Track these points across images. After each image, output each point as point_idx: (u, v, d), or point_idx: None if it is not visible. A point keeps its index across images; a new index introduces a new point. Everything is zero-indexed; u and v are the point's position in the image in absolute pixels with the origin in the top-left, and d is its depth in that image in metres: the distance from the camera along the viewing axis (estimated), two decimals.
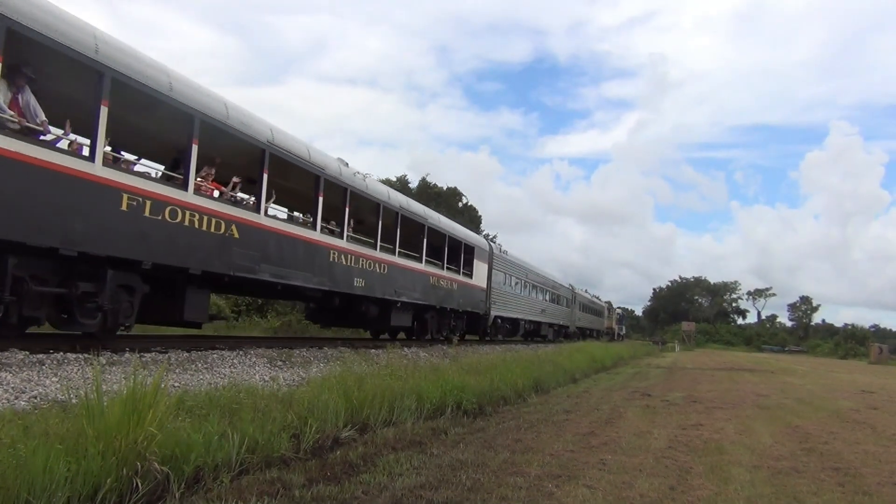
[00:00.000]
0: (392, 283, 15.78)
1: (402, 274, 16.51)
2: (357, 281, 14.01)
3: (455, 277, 20.58)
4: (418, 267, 17.63)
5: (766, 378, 19.99)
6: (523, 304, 30.14)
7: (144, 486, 3.80)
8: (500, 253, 26.63)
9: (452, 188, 56.99)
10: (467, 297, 21.79)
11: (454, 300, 20.42)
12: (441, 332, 20.36)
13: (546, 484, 4.82)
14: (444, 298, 19.42)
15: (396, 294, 16.04)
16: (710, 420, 8.86)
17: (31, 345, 7.74)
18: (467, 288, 21.86)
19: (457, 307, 20.76)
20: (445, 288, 19.57)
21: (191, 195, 9.23)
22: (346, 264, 13.59)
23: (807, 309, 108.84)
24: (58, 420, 4.24)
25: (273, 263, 11.04)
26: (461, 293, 21.10)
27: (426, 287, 18.05)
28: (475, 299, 22.73)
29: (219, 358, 9.24)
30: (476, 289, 22.84)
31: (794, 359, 50.99)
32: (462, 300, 21.21)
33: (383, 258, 15.41)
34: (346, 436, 6.13)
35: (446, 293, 19.67)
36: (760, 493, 4.88)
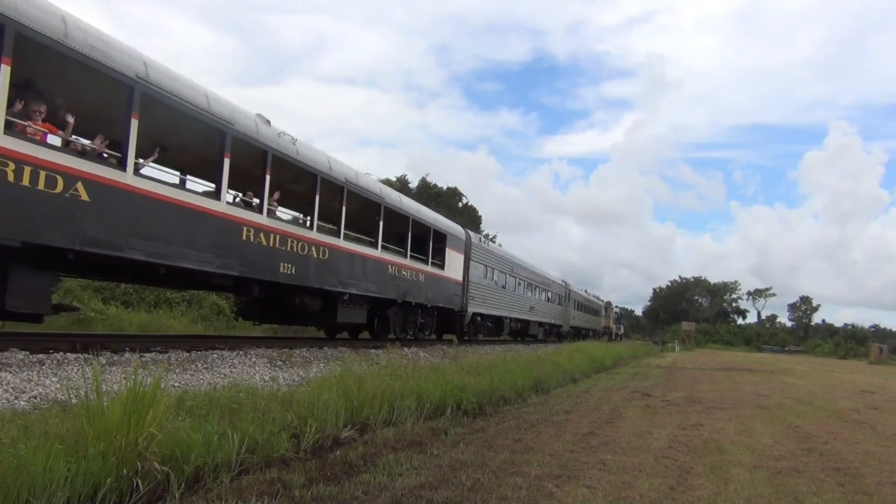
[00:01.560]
0: (335, 272, 13.32)
1: (350, 261, 13.99)
2: (284, 267, 11.57)
3: (423, 268, 18.00)
4: (372, 253, 15.07)
5: (766, 378, 20.00)
6: (508, 301, 27.66)
7: (144, 486, 3.80)
8: (479, 243, 23.98)
9: (452, 188, 57.04)
10: (438, 290, 19.25)
11: (422, 294, 17.87)
12: (407, 330, 18.00)
13: (546, 484, 4.82)
14: (408, 291, 16.96)
15: (342, 284, 13.56)
16: (710, 420, 8.86)
17: (31, 345, 7.75)
18: (438, 280, 19.26)
19: (425, 302, 18.18)
20: (410, 279, 17.04)
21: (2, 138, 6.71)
22: (267, 245, 11.08)
23: (807, 309, 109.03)
24: (58, 420, 4.24)
25: (151, 239, 8.62)
26: (431, 286, 18.56)
27: (384, 277, 15.53)
28: (448, 294, 20.14)
29: (219, 358, 9.24)
30: (449, 282, 20.26)
31: (794, 359, 50.99)
32: (432, 294, 18.66)
33: (322, 241, 12.90)
34: (346, 436, 6.13)
35: (411, 286, 17.17)
36: (760, 493, 4.88)
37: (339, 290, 13.59)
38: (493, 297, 25.13)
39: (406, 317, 17.84)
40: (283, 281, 11.65)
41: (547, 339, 36.48)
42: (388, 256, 15.93)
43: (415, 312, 18.27)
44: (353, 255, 14.26)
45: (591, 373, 18.46)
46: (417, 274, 17.64)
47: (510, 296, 28.01)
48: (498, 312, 25.88)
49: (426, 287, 18.25)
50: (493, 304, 25.06)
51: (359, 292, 14.37)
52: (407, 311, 17.76)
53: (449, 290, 20.25)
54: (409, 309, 17.79)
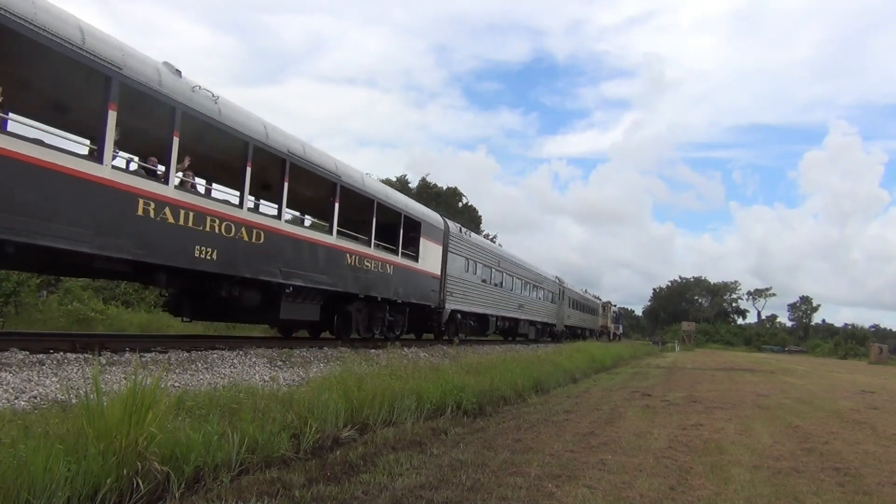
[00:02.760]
0: (275, 259, 11.36)
1: (295, 247, 12.05)
2: (203, 251, 9.60)
3: (391, 259, 16.04)
4: (326, 240, 13.12)
5: (766, 378, 19.99)
6: (494, 297, 25.53)
7: (144, 486, 3.80)
8: (459, 233, 21.78)
9: (452, 188, 57.10)
10: (411, 285, 17.30)
11: (390, 288, 15.94)
12: (373, 329, 16.07)
13: (546, 484, 4.82)
14: (372, 285, 14.99)
15: (284, 275, 11.59)
16: (710, 420, 8.86)
17: (31, 345, 7.76)
18: (411, 274, 17.30)
19: (394, 297, 16.25)
20: (375, 272, 15.08)
21: None
22: (176, 224, 9.09)
23: (807, 309, 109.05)
24: (58, 420, 4.25)
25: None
26: (401, 280, 16.63)
27: (340, 268, 13.58)
28: (423, 289, 18.18)
29: (219, 358, 9.24)
30: (424, 275, 18.23)
31: (794, 359, 51.00)
32: (403, 289, 16.72)
33: (256, 222, 10.90)
34: (346, 436, 6.13)
35: (377, 279, 15.21)
36: (760, 493, 4.88)
37: (279, 282, 11.56)
38: (476, 292, 23.24)
39: (372, 314, 15.84)
40: (201, 268, 9.63)
41: (539, 339, 34.81)
42: (347, 244, 13.94)
43: (382, 309, 16.23)
44: (300, 241, 12.28)
45: (591, 373, 18.46)
46: (384, 266, 15.67)
47: (496, 292, 26.06)
48: (482, 310, 23.86)
49: (396, 281, 16.26)
50: (476, 300, 23.16)
51: (307, 284, 12.37)
52: (373, 307, 15.79)
53: (424, 285, 18.23)
54: (375, 305, 15.82)
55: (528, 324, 31.65)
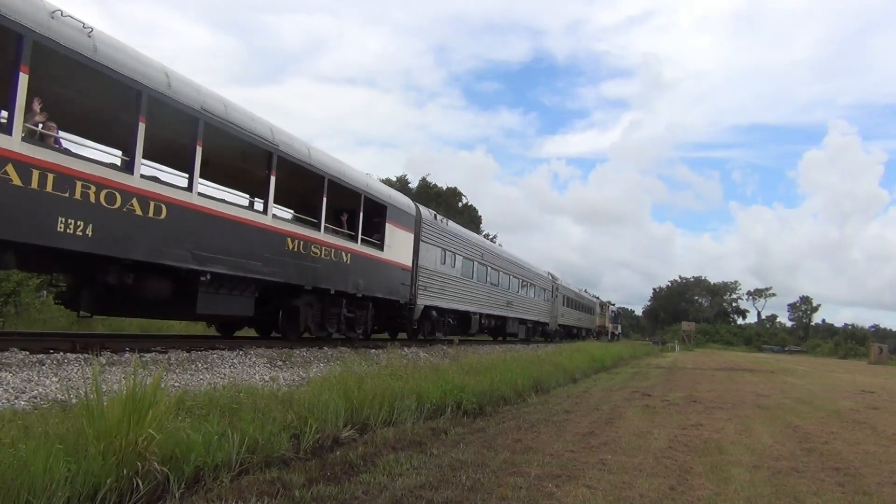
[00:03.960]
0: (183, 240, 9.31)
1: (214, 227, 9.94)
2: (67, 225, 7.58)
3: (348, 246, 14.03)
4: (258, 220, 11.09)
5: (766, 378, 20.00)
6: (476, 293, 23.46)
7: (144, 486, 3.80)
8: (434, 220, 19.60)
9: (452, 188, 57.08)
10: (374, 277, 15.22)
11: (347, 280, 13.95)
12: (327, 326, 14.05)
13: (546, 484, 4.82)
14: (324, 276, 13.04)
15: (198, 259, 9.57)
16: (710, 420, 8.86)
17: (31, 345, 7.76)
18: (374, 264, 15.23)
19: (353, 290, 14.21)
20: (326, 260, 13.09)
21: None
22: (25, 188, 7.08)
23: (807, 309, 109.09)
24: (58, 420, 4.24)
25: None
26: (362, 271, 14.59)
27: (279, 254, 11.55)
28: (390, 282, 16.12)
29: (219, 358, 9.24)
30: (391, 267, 16.15)
31: (794, 359, 51.00)
32: (364, 281, 14.63)
33: (154, 193, 8.81)
34: (346, 436, 6.13)
35: (329, 268, 13.25)
36: (760, 493, 4.88)
37: (191, 268, 9.50)
38: (455, 287, 21.12)
39: (326, 309, 13.88)
40: (67, 247, 7.65)
41: (530, 339, 33.18)
42: (288, 227, 12.02)
43: (337, 304, 14.12)
44: (221, 219, 10.12)
45: (591, 373, 18.46)
46: (339, 253, 13.62)
47: (480, 287, 23.90)
48: (462, 306, 21.77)
49: (354, 271, 14.27)
50: (455, 296, 21.09)
51: (232, 272, 10.34)
52: (328, 302, 13.84)
53: (391, 278, 16.15)
54: (330, 300, 13.85)
55: (517, 322, 29.81)
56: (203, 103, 9.75)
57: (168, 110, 9.18)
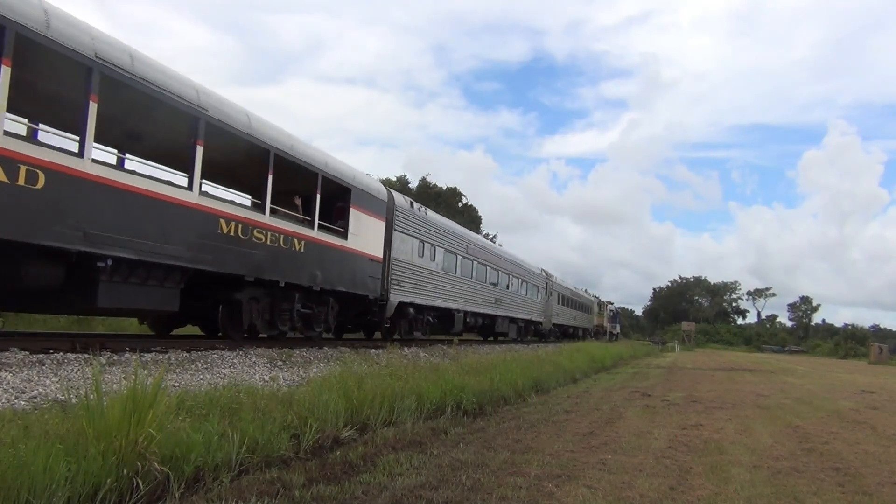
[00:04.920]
0: (71, 217, 7.78)
1: (116, 202, 8.33)
2: None
3: (303, 233, 12.46)
4: (180, 197, 9.38)
5: (766, 378, 20.00)
6: (460, 289, 21.76)
7: (144, 486, 3.80)
8: (410, 209, 17.84)
9: (452, 188, 57.16)
10: (336, 268, 13.63)
11: (301, 271, 12.37)
12: (278, 324, 12.54)
13: (546, 484, 4.82)
14: (270, 266, 11.41)
15: (93, 241, 8.04)
16: (710, 420, 8.86)
17: (31, 345, 7.76)
18: (336, 254, 13.62)
19: (309, 283, 12.65)
20: (274, 248, 11.46)
21: None
22: None
23: (807, 309, 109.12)
24: (58, 420, 4.24)
25: None
26: (320, 261, 12.97)
27: (210, 238, 9.93)
28: (356, 274, 14.47)
29: (219, 358, 9.25)
30: (358, 257, 14.48)
31: (794, 359, 51.01)
32: (323, 273, 13.06)
33: (29, 156, 7.23)
34: (346, 436, 6.14)
35: (279, 257, 11.66)
36: (760, 493, 4.88)
37: (83, 250, 7.95)
38: (436, 282, 19.49)
39: (277, 304, 12.36)
40: None
41: (523, 339, 31.84)
42: (221, 207, 10.33)
43: (290, 298, 12.59)
44: (126, 193, 8.46)
45: (591, 373, 18.47)
46: (290, 240, 11.98)
47: (464, 283, 22.25)
48: (443, 303, 20.10)
49: (310, 261, 12.65)
50: (435, 291, 19.46)
51: (144, 258, 8.73)
52: (280, 296, 12.33)
53: (357, 270, 14.55)
54: (281, 293, 12.33)
55: (507, 321, 28.31)
56: (97, 50, 8.05)
57: (47, 55, 7.60)
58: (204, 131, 9.79)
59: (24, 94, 7.83)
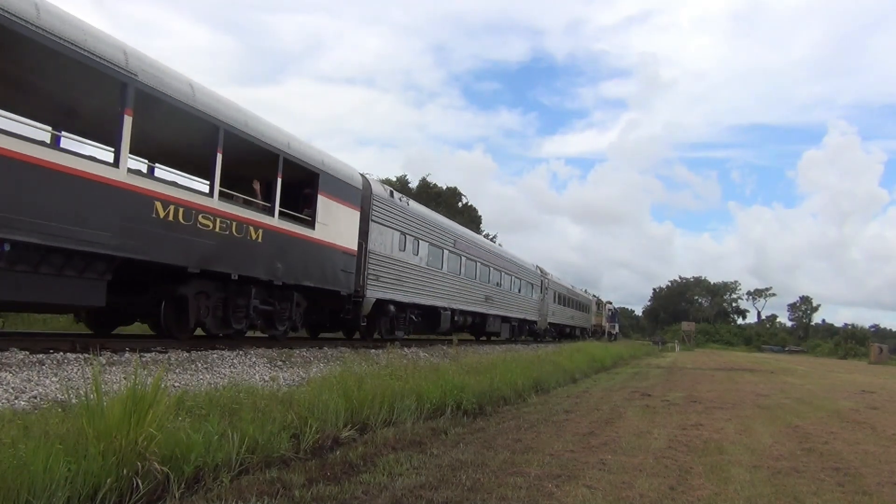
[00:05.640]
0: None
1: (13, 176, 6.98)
2: None
3: (261, 221, 11.17)
4: (104, 175, 8.07)
5: (766, 378, 20.00)
6: (447, 286, 20.52)
7: (144, 486, 3.80)
8: (389, 198, 16.50)
9: (452, 188, 57.15)
10: (301, 261, 12.41)
11: (257, 263, 11.08)
12: (233, 322, 11.22)
13: (546, 484, 4.82)
14: (222, 257, 10.19)
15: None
16: (710, 420, 8.86)
17: (31, 345, 7.76)
18: (301, 245, 12.40)
19: (269, 277, 11.45)
20: (224, 236, 10.19)
21: None
22: None
23: (807, 309, 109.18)
24: (58, 420, 4.24)
25: None
26: (281, 252, 11.74)
27: (143, 223, 8.69)
28: (326, 268, 13.28)
29: (219, 358, 9.25)
30: (327, 249, 13.26)
31: (794, 359, 51.01)
32: (285, 265, 11.83)
33: None
34: (346, 436, 6.13)
35: (231, 247, 10.40)
36: (760, 493, 4.88)
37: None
38: (419, 278, 18.28)
39: (231, 300, 11.10)
40: None
41: (516, 339, 30.83)
42: (156, 187, 9.04)
43: (245, 293, 11.30)
44: (30, 166, 7.16)
45: (591, 373, 18.47)
46: (244, 228, 10.69)
47: (451, 279, 20.99)
48: (428, 301, 18.90)
49: (269, 252, 11.39)
50: (419, 288, 18.20)
51: (56, 244, 7.52)
52: (232, 290, 11.05)
53: (327, 263, 13.34)
54: (236, 288, 11.06)
55: (499, 320, 27.05)
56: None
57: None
58: (133, 99, 8.44)
59: None
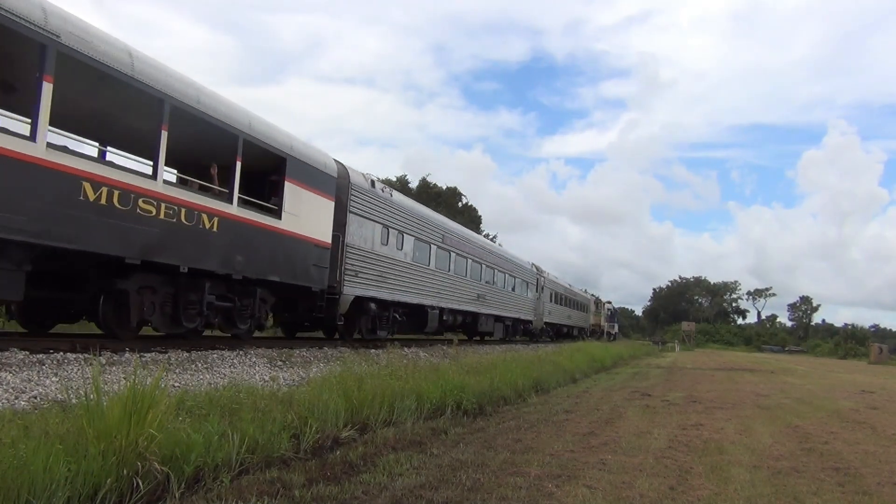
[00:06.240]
0: None
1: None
2: None
3: (216, 208, 10.03)
4: (13, 149, 7.00)
5: (766, 378, 20.00)
6: (435, 283, 19.45)
7: (145, 486, 3.81)
8: (370, 188, 15.38)
9: (452, 188, 57.16)
10: (264, 253, 11.27)
11: (211, 254, 9.97)
12: (184, 319, 10.06)
13: (546, 484, 4.82)
14: (168, 246, 9.10)
15: None
16: (710, 420, 8.86)
17: (31, 345, 7.76)
18: (265, 236, 11.24)
19: (227, 271, 10.33)
20: (172, 224, 9.11)
21: None
22: None
23: (807, 309, 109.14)
24: (58, 420, 4.25)
25: None
26: (242, 243, 10.62)
27: (69, 207, 7.66)
28: (295, 262, 12.17)
29: (219, 358, 9.25)
30: (297, 241, 12.17)
31: (794, 359, 51.01)
32: (245, 258, 10.69)
33: None
34: (346, 436, 6.14)
35: (180, 237, 9.32)
36: (760, 493, 4.88)
37: None
38: (404, 275, 17.21)
39: (182, 295, 9.97)
40: None
41: (510, 339, 29.95)
42: (84, 166, 7.92)
43: (198, 288, 10.17)
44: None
45: (591, 373, 18.48)
46: (195, 215, 9.60)
47: (440, 276, 19.98)
48: (414, 299, 17.87)
49: (227, 243, 10.26)
50: (403, 285, 17.11)
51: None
52: (183, 285, 9.94)
53: (296, 256, 12.20)
54: (189, 283, 9.99)
55: (491, 319, 25.92)
56: None
57: None
58: (54, 65, 7.43)
59: None
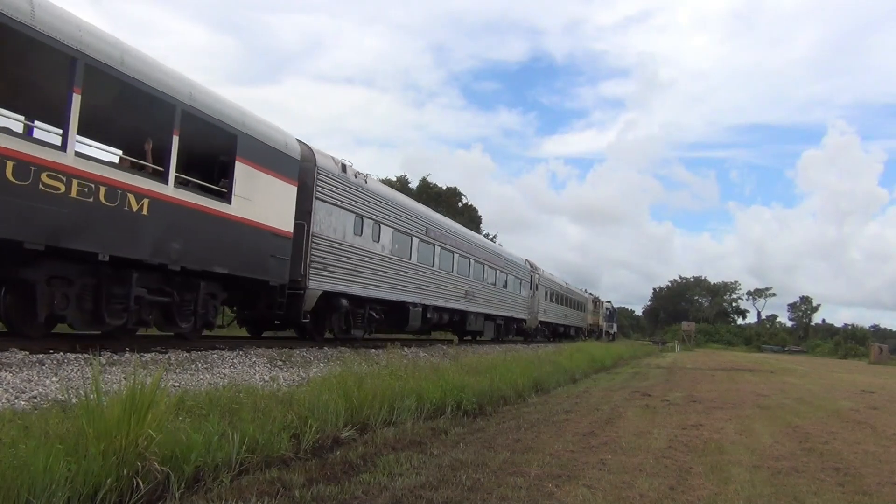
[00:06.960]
0: None
1: None
2: None
3: (146, 188, 8.79)
4: None
5: (766, 378, 20.00)
6: (417, 279, 18.22)
7: (145, 486, 3.80)
8: (341, 174, 14.00)
9: (452, 188, 57.16)
10: (212, 242, 10.15)
11: (146, 243, 8.83)
12: (107, 316, 8.79)
13: (546, 484, 4.82)
14: (82, 231, 7.87)
15: None
16: (710, 420, 8.86)
17: (31, 345, 7.76)
18: (210, 222, 10.05)
19: (161, 260, 9.16)
20: (88, 204, 7.86)
21: None
22: None
23: (807, 309, 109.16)
24: (58, 420, 4.25)
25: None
26: (182, 230, 9.46)
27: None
28: (250, 253, 11.00)
29: (219, 358, 9.25)
30: (249, 229, 10.92)
31: (794, 359, 51.02)
32: (184, 246, 9.48)
33: None
34: (346, 436, 6.14)
35: (103, 220, 8.12)
36: (760, 493, 4.88)
37: None
38: (381, 269, 15.90)
39: (105, 288, 8.75)
40: None
41: (503, 338, 28.80)
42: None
43: (125, 280, 8.97)
44: None
45: (591, 373, 18.48)
46: (121, 196, 8.36)
47: (423, 271, 18.68)
48: (393, 295, 16.61)
49: (162, 229, 9.12)
50: (380, 280, 15.84)
51: None
52: (107, 277, 8.77)
53: (249, 245, 10.96)
54: (114, 274, 8.85)
55: (481, 318, 24.60)
56: None
57: None
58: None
59: None
